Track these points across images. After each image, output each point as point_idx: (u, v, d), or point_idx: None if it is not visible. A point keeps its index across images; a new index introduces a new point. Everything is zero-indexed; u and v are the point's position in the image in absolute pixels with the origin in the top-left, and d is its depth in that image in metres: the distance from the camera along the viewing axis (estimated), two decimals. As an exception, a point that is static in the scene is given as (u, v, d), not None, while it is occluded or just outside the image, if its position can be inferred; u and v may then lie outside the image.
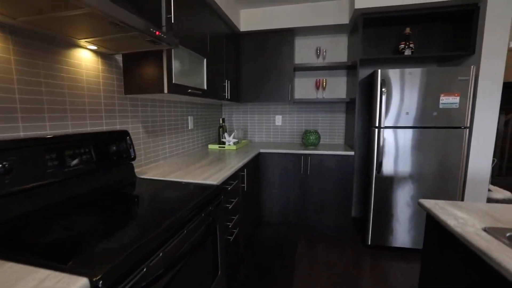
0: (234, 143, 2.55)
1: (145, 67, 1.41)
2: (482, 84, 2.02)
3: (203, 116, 2.61)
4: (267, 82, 2.71)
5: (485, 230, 0.77)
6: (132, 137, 1.58)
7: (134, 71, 1.45)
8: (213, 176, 1.42)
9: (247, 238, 2.20)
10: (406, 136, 2.10)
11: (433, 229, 0.96)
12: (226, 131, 2.65)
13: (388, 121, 2.11)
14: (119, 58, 1.47)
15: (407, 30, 2.35)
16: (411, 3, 2.07)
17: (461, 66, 2.15)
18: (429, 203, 1.00)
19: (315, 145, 2.63)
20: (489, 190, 2.38)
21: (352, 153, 2.32)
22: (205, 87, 1.93)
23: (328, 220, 2.51)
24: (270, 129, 3.08)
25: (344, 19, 2.48)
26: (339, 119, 2.90)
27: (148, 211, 0.95)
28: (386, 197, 2.20)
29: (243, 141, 2.89)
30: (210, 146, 2.58)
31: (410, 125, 2.08)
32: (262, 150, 2.51)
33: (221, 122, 2.69)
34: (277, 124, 3.05)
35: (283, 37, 2.63)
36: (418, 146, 2.10)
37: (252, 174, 2.30)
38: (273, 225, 2.71)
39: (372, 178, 2.20)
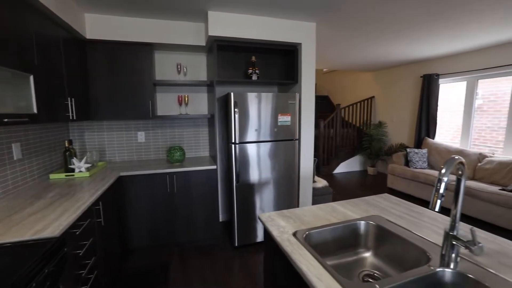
0: (87, 169, 2.21)
1: None
2: (304, 106, 2.71)
3: (38, 141, 2.10)
4: (125, 98, 2.51)
5: (293, 234, 1.09)
6: None
7: None
8: (54, 224, 1.20)
9: (113, 274, 1.99)
10: (257, 149, 2.51)
11: (268, 236, 1.23)
12: (75, 156, 2.25)
13: (242, 137, 2.45)
14: None
15: (253, 58, 2.79)
16: (250, 37, 2.47)
17: (289, 92, 2.80)
18: (263, 217, 1.27)
19: (180, 161, 2.68)
20: (314, 181, 3.22)
21: (214, 167, 2.53)
22: (35, 111, 1.58)
23: (199, 232, 2.63)
24: (132, 146, 2.87)
25: (201, 41, 2.66)
26: (203, 133, 3.09)
27: None
28: (247, 202, 2.56)
29: (100, 163, 2.55)
30: (53, 176, 2.11)
31: (259, 139, 2.51)
32: (122, 173, 2.31)
33: (67, 145, 2.25)
34: (140, 141, 2.87)
35: (141, 51, 2.51)
36: (266, 157, 2.56)
37: (111, 203, 2.09)
38: (143, 249, 2.57)
39: (233, 187, 2.49)
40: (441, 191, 0.76)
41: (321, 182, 3.22)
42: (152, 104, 2.57)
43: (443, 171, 0.76)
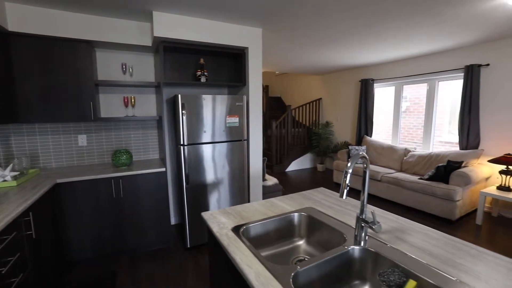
0: (14, 177, 2.00)
1: None
2: (252, 107, 2.83)
3: (-51, 147, 1.84)
4: (61, 99, 2.32)
5: (232, 229, 1.17)
6: None
7: None
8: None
9: (46, 291, 1.83)
10: (206, 150, 2.55)
11: (210, 232, 1.29)
12: (-2, 163, 2.02)
13: (191, 138, 2.46)
14: None
15: (201, 60, 2.81)
16: (198, 40, 2.50)
17: (238, 94, 2.89)
18: (206, 215, 1.33)
19: (127, 165, 2.58)
20: (265, 179, 3.38)
21: (163, 169, 2.50)
22: None
23: (150, 237, 2.57)
24: (72, 151, 2.66)
25: (147, 41, 2.59)
26: (152, 135, 3.01)
27: None
28: (198, 202, 2.57)
29: (31, 170, 2.32)
30: (-30, 187, 1.87)
31: (208, 141, 2.55)
32: (60, 180, 2.14)
33: (-13, 151, 2.01)
34: (81, 145, 2.68)
35: (79, 48, 2.34)
36: (216, 158, 2.61)
37: (46, 213, 1.93)
38: (88, 261, 2.41)
39: (183, 188, 2.49)
40: (347, 182, 0.91)
41: (272, 180, 3.39)
42: (94, 105, 2.43)
43: (348, 164, 0.91)
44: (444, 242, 1.05)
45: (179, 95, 2.36)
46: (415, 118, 4.46)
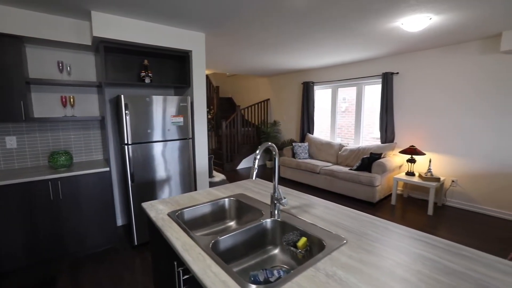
0: None
1: None
2: (196, 108, 2.98)
3: None
4: (-15, 98, 2.18)
5: (168, 214, 1.33)
6: None
7: None
8: None
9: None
10: (152, 149, 2.63)
11: (148, 219, 1.43)
12: None
13: (135, 138, 2.52)
14: None
15: (145, 61, 2.87)
16: (140, 42, 2.57)
17: (184, 95, 3.01)
18: (145, 204, 1.47)
19: (67, 166, 2.52)
20: (212, 176, 3.55)
21: (107, 169, 2.51)
22: None
23: (94, 239, 2.54)
24: (-1, 154, 2.48)
25: (87, 40, 2.55)
26: (95, 136, 2.95)
27: None
28: (144, 200, 2.63)
29: (-50, 176, 2.13)
30: None
31: (154, 140, 2.63)
32: (-14, 185, 2.02)
33: None
34: (10, 147, 2.52)
35: (7, 44, 2.22)
36: (162, 156, 2.70)
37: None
38: (21, 270, 2.29)
39: (129, 187, 2.53)
40: (255, 166, 1.15)
41: (219, 177, 3.57)
42: (25, 105, 2.32)
43: (257, 151, 1.16)
44: (337, 211, 1.37)
45: (122, 96, 2.40)
46: (348, 118, 5.08)
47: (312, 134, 5.49)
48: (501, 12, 2.43)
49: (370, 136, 4.75)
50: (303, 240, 1.09)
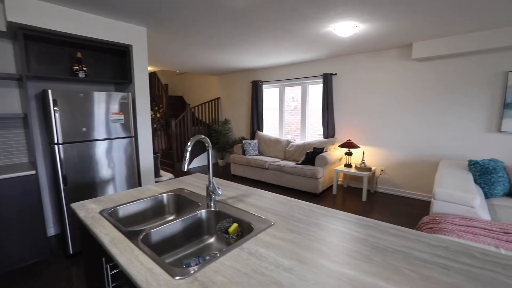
0: None
1: None
2: (139, 105, 2.86)
3: None
4: None
5: (99, 212, 1.28)
6: None
7: None
8: None
9: None
10: (89, 148, 2.44)
11: (80, 222, 1.35)
12: None
13: (68, 137, 2.31)
14: None
15: (79, 54, 2.65)
16: (71, 32, 2.37)
17: (126, 91, 2.86)
18: (75, 205, 1.38)
19: (-19, 171, 2.20)
20: (160, 175, 3.45)
21: (33, 172, 2.26)
22: None
23: (20, 252, 2.26)
24: None
25: (1, 25, 2.25)
26: (18, 136, 2.62)
27: None
28: (79, 204, 2.43)
29: None
30: None
31: (90, 138, 2.45)
32: None
33: None
34: None
35: None
36: (101, 155, 2.53)
37: None
38: None
39: (61, 192, 2.32)
40: (187, 157, 1.18)
41: (167, 176, 3.48)
42: None
43: (188, 143, 1.19)
44: (270, 199, 1.47)
45: (49, 90, 2.19)
46: (295, 115, 5.37)
47: (262, 131, 5.67)
48: (410, 26, 2.85)
49: (317, 132, 5.10)
50: (234, 226, 1.16)
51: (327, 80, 4.44)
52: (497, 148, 3.21)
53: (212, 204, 1.33)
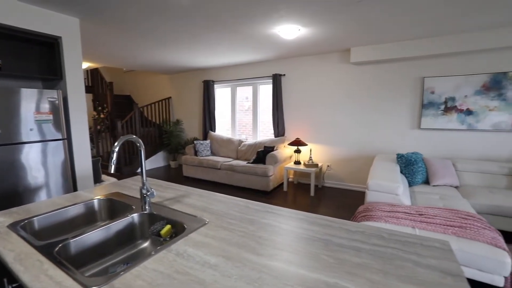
0: None
1: None
2: (72, 104, 2.60)
3: None
4: None
5: (8, 225, 1.13)
6: None
7: None
8: None
9: None
10: (6, 153, 2.13)
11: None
12: None
13: (-23, 141, 1.99)
14: None
15: (-9, 44, 2.30)
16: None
17: (51, 89, 2.57)
18: (-22, 219, 1.19)
19: None
20: (102, 181, 3.18)
21: None
22: None
23: None
24: None
25: None
26: None
27: None
28: (-4, 218, 2.11)
29: None
30: None
31: (7, 142, 2.14)
32: None
33: None
34: None
35: None
36: (23, 160, 2.23)
37: None
38: None
39: (-31, 204, 1.99)
40: (114, 159, 1.11)
41: (110, 181, 3.23)
42: None
43: (115, 144, 1.12)
44: (208, 198, 1.47)
45: (-51, 86, 1.85)
46: (248, 115, 5.43)
47: (214, 131, 5.62)
48: (347, 33, 3.10)
49: (270, 132, 5.20)
50: (167, 227, 1.13)
51: (276, 81, 4.59)
52: (418, 142, 3.68)
53: (146, 207, 1.27)
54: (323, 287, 0.74)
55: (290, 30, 2.99)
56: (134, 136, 1.21)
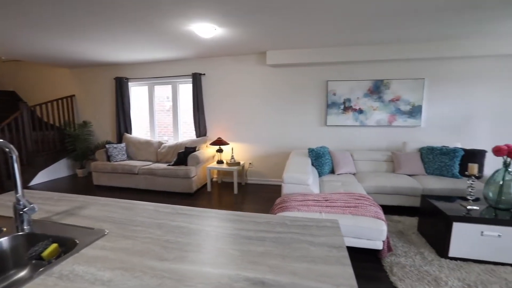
0: None
1: None
2: None
3: None
4: None
5: None
6: None
7: None
8: None
9: None
10: None
11: None
12: None
13: None
14: None
15: None
16: None
17: None
18: None
19: None
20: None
21: None
22: None
23: None
24: None
25: None
26: None
27: None
28: None
29: None
30: None
31: None
32: None
33: None
34: None
35: None
36: None
37: None
38: None
39: None
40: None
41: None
42: None
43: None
44: (112, 205, 1.31)
45: None
46: (168, 115, 5.13)
47: (131, 133, 5.12)
48: (261, 36, 3.28)
49: (193, 133, 5.03)
50: (52, 247, 0.96)
51: (196, 80, 4.49)
52: (325, 137, 4.21)
53: (24, 226, 1.05)
54: (225, 281, 0.75)
55: (206, 29, 2.96)
56: (2, 140, 0.98)
